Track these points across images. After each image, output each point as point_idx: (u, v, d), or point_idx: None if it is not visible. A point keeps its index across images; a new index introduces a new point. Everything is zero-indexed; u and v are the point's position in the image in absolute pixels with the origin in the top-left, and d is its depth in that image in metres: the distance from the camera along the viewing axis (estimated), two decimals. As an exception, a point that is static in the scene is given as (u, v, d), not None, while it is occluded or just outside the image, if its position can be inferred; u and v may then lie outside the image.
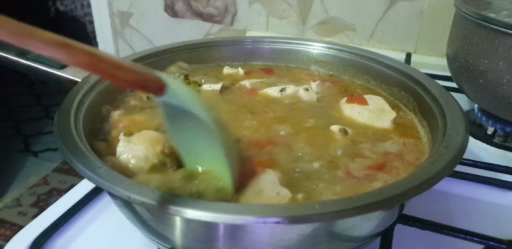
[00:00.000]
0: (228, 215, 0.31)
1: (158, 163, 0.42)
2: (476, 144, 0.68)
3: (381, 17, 0.98)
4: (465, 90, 0.68)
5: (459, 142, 0.41)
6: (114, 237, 0.49)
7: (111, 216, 0.51)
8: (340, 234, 0.37)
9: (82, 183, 0.56)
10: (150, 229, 0.40)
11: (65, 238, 0.48)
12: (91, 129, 0.49)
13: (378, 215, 0.39)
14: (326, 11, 1.02)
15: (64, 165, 2.01)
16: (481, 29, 0.60)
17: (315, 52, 0.66)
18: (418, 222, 0.48)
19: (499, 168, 0.59)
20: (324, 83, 0.60)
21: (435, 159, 0.38)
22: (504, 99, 0.61)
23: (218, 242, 0.37)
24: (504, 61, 0.58)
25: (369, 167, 0.43)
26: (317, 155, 0.45)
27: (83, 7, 2.40)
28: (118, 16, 1.26)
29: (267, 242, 0.36)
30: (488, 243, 0.46)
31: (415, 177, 0.36)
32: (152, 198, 0.33)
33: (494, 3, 0.66)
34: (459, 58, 0.66)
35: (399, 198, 0.34)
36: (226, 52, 0.67)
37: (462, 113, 0.46)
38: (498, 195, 0.57)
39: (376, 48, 1.01)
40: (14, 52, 0.54)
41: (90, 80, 0.51)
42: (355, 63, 0.62)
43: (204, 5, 1.14)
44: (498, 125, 0.68)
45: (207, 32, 1.19)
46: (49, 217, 0.50)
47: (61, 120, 0.44)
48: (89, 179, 0.36)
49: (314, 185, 0.40)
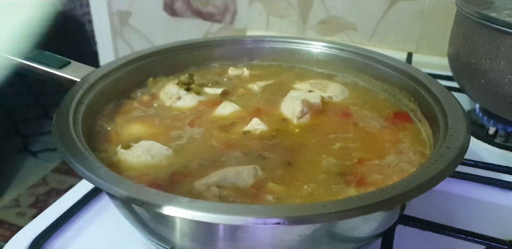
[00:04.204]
0: (228, 216, 0.31)
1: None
2: (477, 144, 0.68)
3: (382, 17, 0.98)
4: (467, 90, 0.68)
5: (460, 142, 0.41)
6: (113, 238, 0.48)
7: (110, 216, 0.51)
8: (341, 235, 0.37)
9: (81, 183, 0.56)
10: (149, 230, 0.40)
11: (64, 239, 0.48)
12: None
13: (379, 216, 0.38)
14: (326, 10, 1.02)
15: (63, 165, 2.01)
16: (482, 28, 0.60)
17: (316, 51, 0.65)
18: (419, 222, 0.48)
19: (500, 168, 0.59)
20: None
21: (436, 159, 0.38)
22: (505, 99, 0.61)
23: (218, 243, 0.37)
24: (506, 61, 0.58)
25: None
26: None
27: (82, 6, 2.39)
28: (117, 15, 1.26)
29: (267, 243, 0.36)
30: (490, 243, 0.46)
31: (416, 177, 0.36)
32: (151, 198, 0.33)
33: (495, 2, 0.66)
34: (461, 57, 0.65)
35: (400, 199, 0.34)
36: (226, 51, 0.67)
37: (463, 113, 0.45)
38: (499, 195, 0.57)
39: (377, 47, 1.01)
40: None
41: (89, 80, 0.51)
42: (356, 63, 0.62)
43: (204, 4, 1.14)
44: (499, 125, 0.68)
45: (207, 31, 1.18)
46: (48, 217, 0.50)
47: (60, 120, 0.43)
48: (87, 179, 0.36)
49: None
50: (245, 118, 0.52)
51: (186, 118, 0.53)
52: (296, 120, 0.52)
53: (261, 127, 0.50)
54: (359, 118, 0.53)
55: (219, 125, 0.51)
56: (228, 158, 0.45)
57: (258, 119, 0.51)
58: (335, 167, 0.44)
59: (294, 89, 0.60)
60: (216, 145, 0.47)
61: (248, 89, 0.60)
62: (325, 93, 0.58)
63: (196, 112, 0.54)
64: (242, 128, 0.51)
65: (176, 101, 0.56)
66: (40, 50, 0.54)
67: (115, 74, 0.55)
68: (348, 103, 0.57)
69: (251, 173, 0.42)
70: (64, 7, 2.42)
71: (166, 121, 0.52)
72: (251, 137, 0.49)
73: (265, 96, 0.58)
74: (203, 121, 0.52)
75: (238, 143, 0.48)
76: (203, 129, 0.51)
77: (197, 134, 0.50)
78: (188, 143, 0.48)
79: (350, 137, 0.49)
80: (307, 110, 0.53)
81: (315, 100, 0.55)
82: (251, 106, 0.55)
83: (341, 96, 0.58)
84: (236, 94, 0.59)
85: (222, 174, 0.41)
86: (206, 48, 0.65)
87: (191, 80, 0.58)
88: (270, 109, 0.55)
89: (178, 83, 0.57)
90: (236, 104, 0.55)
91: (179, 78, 0.59)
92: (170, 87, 0.57)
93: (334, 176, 0.43)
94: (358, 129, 0.51)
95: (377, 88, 0.60)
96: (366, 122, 0.53)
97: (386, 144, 0.48)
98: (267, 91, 0.60)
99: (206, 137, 0.49)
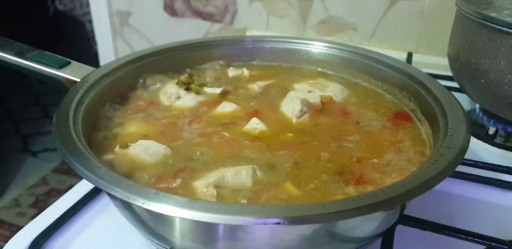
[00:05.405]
0: (228, 216, 0.31)
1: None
2: (477, 144, 0.68)
3: (382, 16, 0.98)
4: (467, 90, 0.68)
5: (460, 142, 0.41)
6: (113, 238, 0.48)
7: (110, 216, 0.51)
8: (340, 234, 0.37)
9: (81, 183, 0.56)
10: (149, 230, 0.40)
11: (64, 239, 0.48)
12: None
13: (379, 216, 0.38)
14: (326, 10, 1.02)
15: (63, 165, 2.01)
16: (482, 28, 0.60)
17: (316, 51, 0.65)
18: (419, 222, 0.48)
19: (500, 168, 0.59)
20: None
21: (436, 159, 0.38)
22: (505, 99, 0.61)
23: (218, 243, 0.37)
24: (506, 61, 0.58)
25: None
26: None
27: (82, 6, 2.39)
28: (117, 15, 1.26)
29: (267, 243, 0.36)
30: (490, 243, 0.46)
31: (416, 177, 0.36)
32: (151, 198, 0.33)
33: (495, 2, 0.66)
34: (461, 57, 0.65)
35: (400, 199, 0.34)
36: (226, 51, 0.67)
37: (463, 113, 0.45)
38: (499, 195, 0.57)
39: (377, 47, 1.01)
40: (12, 52, 0.53)
41: (89, 80, 0.51)
42: (356, 63, 0.62)
43: (204, 4, 1.14)
44: (499, 125, 0.68)
45: (207, 31, 1.18)
46: (48, 217, 0.50)
47: (60, 120, 0.43)
48: (87, 179, 0.36)
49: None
50: (244, 118, 0.52)
51: (186, 118, 0.53)
52: (295, 119, 0.52)
53: (260, 126, 0.50)
54: (359, 118, 0.53)
55: (218, 125, 0.51)
56: (227, 157, 0.45)
57: (257, 119, 0.51)
58: (334, 166, 0.44)
59: (294, 89, 0.60)
60: (215, 145, 0.47)
61: (248, 89, 0.60)
62: (325, 93, 0.58)
63: (196, 112, 0.54)
64: (241, 127, 0.51)
65: (176, 101, 0.56)
66: (40, 50, 0.54)
67: (115, 74, 0.55)
68: (347, 103, 0.57)
69: (250, 173, 0.42)
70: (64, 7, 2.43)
71: (165, 121, 0.52)
72: (250, 137, 0.49)
73: (265, 96, 0.58)
74: (202, 121, 0.52)
75: (237, 143, 0.48)
76: (202, 129, 0.50)
77: (196, 133, 0.50)
78: (186, 142, 0.48)
79: (350, 136, 0.49)
80: (307, 110, 0.53)
81: (314, 100, 0.55)
82: (251, 106, 0.55)
83: (341, 96, 0.58)
84: (236, 94, 0.59)
85: (221, 174, 0.41)
86: (206, 48, 0.65)
87: (191, 80, 0.58)
88: (269, 109, 0.55)
89: (178, 83, 0.57)
90: (236, 104, 0.55)
91: (179, 78, 0.59)
92: (169, 87, 0.57)
93: (333, 174, 0.43)
94: (357, 129, 0.51)
95: (377, 88, 0.60)
96: (366, 122, 0.53)
97: (386, 144, 0.48)
98: (267, 91, 0.60)
99: (205, 136, 0.49)
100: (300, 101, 0.53)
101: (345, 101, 0.57)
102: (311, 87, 0.59)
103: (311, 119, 0.53)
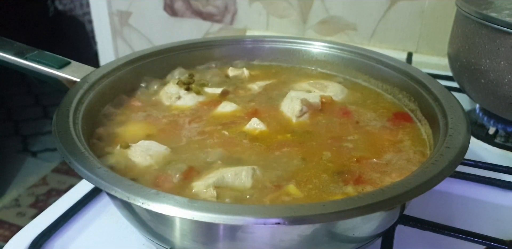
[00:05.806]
0: (228, 216, 0.31)
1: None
2: (477, 144, 0.68)
3: (382, 16, 0.98)
4: (467, 90, 0.68)
5: (460, 142, 0.41)
6: (113, 238, 0.48)
7: (110, 216, 0.51)
8: (341, 235, 0.37)
9: (81, 183, 0.56)
10: (149, 230, 0.40)
11: (64, 239, 0.48)
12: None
13: (379, 216, 0.38)
14: (326, 10, 1.02)
15: (63, 165, 2.01)
16: (482, 28, 0.60)
17: (316, 51, 0.65)
18: (419, 222, 0.48)
19: (500, 168, 0.59)
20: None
21: (436, 159, 0.38)
22: (505, 99, 0.61)
23: (218, 243, 0.37)
24: (506, 61, 0.58)
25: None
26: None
27: (82, 6, 2.39)
28: (117, 15, 1.26)
29: (268, 243, 0.36)
30: (490, 243, 0.46)
31: (417, 177, 0.36)
32: (151, 198, 0.33)
33: (495, 2, 0.66)
34: (461, 57, 0.65)
35: (400, 199, 0.34)
36: (226, 51, 0.67)
37: (463, 113, 0.45)
38: (499, 195, 0.57)
39: (377, 47, 1.01)
40: (12, 52, 0.53)
41: (89, 80, 0.51)
42: (356, 63, 0.62)
43: (204, 4, 1.14)
44: (499, 125, 0.68)
45: (207, 31, 1.18)
46: (48, 217, 0.50)
47: (60, 120, 0.43)
48: (87, 179, 0.36)
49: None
50: (244, 118, 0.52)
51: (186, 118, 0.53)
52: (295, 119, 0.52)
53: (260, 126, 0.50)
54: (359, 118, 0.53)
55: (218, 125, 0.51)
56: (227, 158, 0.45)
57: (257, 119, 0.51)
58: (333, 165, 0.44)
59: (294, 89, 0.60)
60: (215, 145, 0.47)
61: (248, 89, 0.60)
62: (325, 93, 0.58)
63: (196, 112, 0.54)
64: (241, 127, 0.51)
65: (176, 101, 0.56)
66: (40, 50, 0.54)
67: (115, 74, 0.55)
68: (347, 103, 0.57)
69: (250, 173, 0.42)
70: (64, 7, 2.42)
71: (166, 121, 0.52)
72: (250, 137, 0.49)
73: (265, 96, 0.58)
74: (202, 121, 0.52)
75: (237, 143, 0.48)
76: (202, 129, 0.50)
77: (196, 133, 0.50)
78: (187, 142, 0.48)
79: (349, 136, 0.49)
80: (306, 110, 0.53)
81: (314, 100, 0.55)
82: (251, 106, 0.55)
83: (341, 96, 0.58)
84: (236, 94, 0.59)
85: (221, 174, 0.41)
86: (206, 48, 0.65)
87: (191, 80, 0.58)
88: (269, 109, 0.55)
89: (178, 83, 0.57)
90: (236, 104, 0.55)
91: (179, 78, 0.59)
92: (170, 87, 0.57)
93: (332, 174, 0.43)
94: (357, 129, 0.51)
95: (377, 88, 0.60)
96: (366, 122, 0.53)
97: (386, 144, 0.48)
98: (267, 91, 0.60)
99: (205, 136, 0.49)
100: (300, 101, 0.53)
101: (345, 101, 0.57)
102: (311, 87, 0.59)
103: (311, 119, 0.53)
